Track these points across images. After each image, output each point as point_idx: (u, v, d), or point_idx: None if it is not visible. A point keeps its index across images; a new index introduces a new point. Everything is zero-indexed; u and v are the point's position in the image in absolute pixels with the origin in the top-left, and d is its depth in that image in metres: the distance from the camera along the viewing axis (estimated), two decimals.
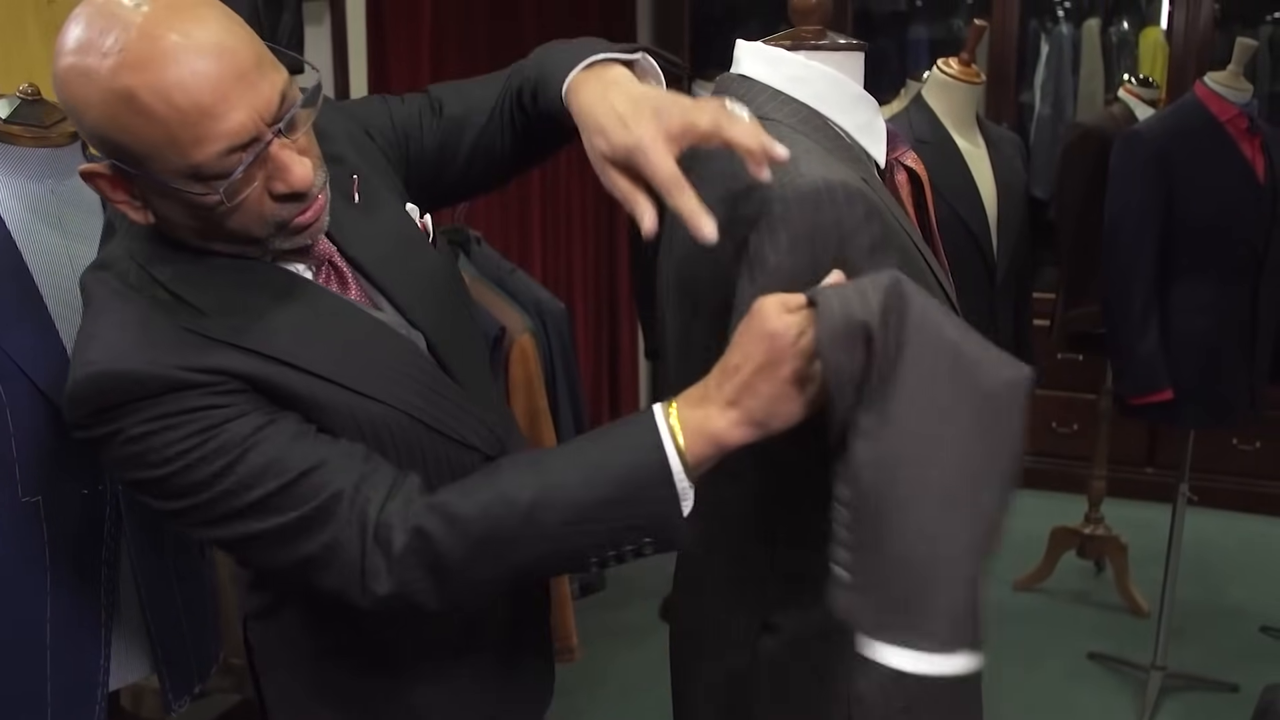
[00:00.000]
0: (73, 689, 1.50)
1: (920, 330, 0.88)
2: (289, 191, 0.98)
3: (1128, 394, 2.78)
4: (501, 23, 3.55)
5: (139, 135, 0.92)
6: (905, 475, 0.88)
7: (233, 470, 0.98)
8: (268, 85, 0.95)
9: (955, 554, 0.89)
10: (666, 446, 0.97)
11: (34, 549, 1.45)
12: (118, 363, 0.97)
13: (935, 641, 0.90)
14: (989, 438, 0.88)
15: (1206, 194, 2.63)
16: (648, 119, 0.95)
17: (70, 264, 1.47)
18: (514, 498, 0.98)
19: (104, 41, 0.90)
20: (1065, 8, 4.63)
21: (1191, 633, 3.30)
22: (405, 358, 1.11)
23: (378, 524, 0.99)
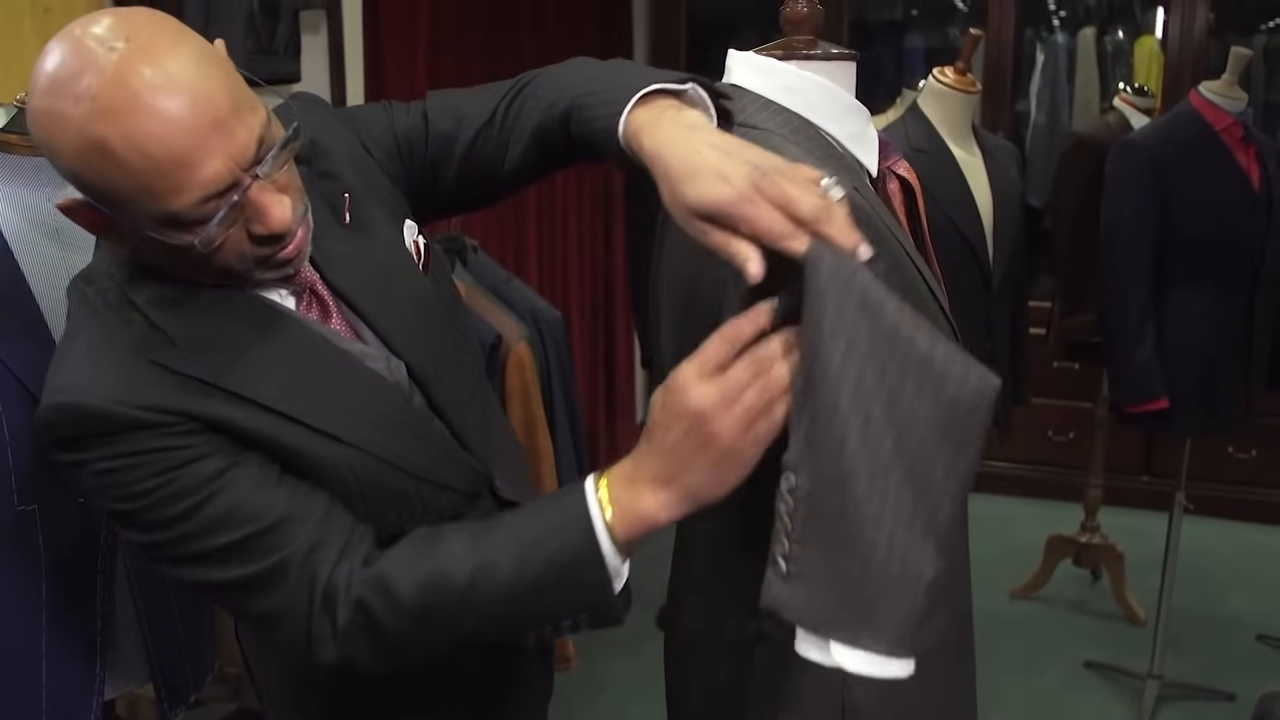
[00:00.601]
0: (68, 697, 1.50)
1: (886, 337, 0.86)
2: (268, 234, 0.97)
3: (1124, 402, 2.78)
4: (498, 32, 3.55)
5: (113, 182, 0.90)
6: (867, 478, 0.86)
7: (193, 515, 0.99)
8: (244, 130, 0.92)
9: (913, 567, 0.87)
10: (597, 528, 0.95)
11: (30, 557, 1.45)
12: (81, 396, 0.97)
13: (883, 643, 0.89)
14: (950, 443, 0.87)
15: (1202, 203, 2.63)
16: (743, 174, 0.87)
17: (66, 273, 1.47)
18: (451, 575, 0.98)
19: (77, 85, 0.87)
20: (1060, 17, 4.65)
21: (1188, 641, 3.31)
22: (379, 397, 1.09)
23: (325, 592, 1.01)
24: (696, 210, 0.88)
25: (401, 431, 1.10)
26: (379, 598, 1.00)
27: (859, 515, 0.86)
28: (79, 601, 1.50)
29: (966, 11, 4.78)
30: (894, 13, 4.92)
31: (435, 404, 1.15)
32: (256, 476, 1.01)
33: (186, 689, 1.66)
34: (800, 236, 0.85)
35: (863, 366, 0.85)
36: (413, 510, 1.12)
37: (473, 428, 1.19)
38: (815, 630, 0.89)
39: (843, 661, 0.88)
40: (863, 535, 0.86)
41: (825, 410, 0.86)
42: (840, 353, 0.85)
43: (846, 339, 0.85)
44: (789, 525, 0.88)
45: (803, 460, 0.87)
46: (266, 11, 2.59)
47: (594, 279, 4.37)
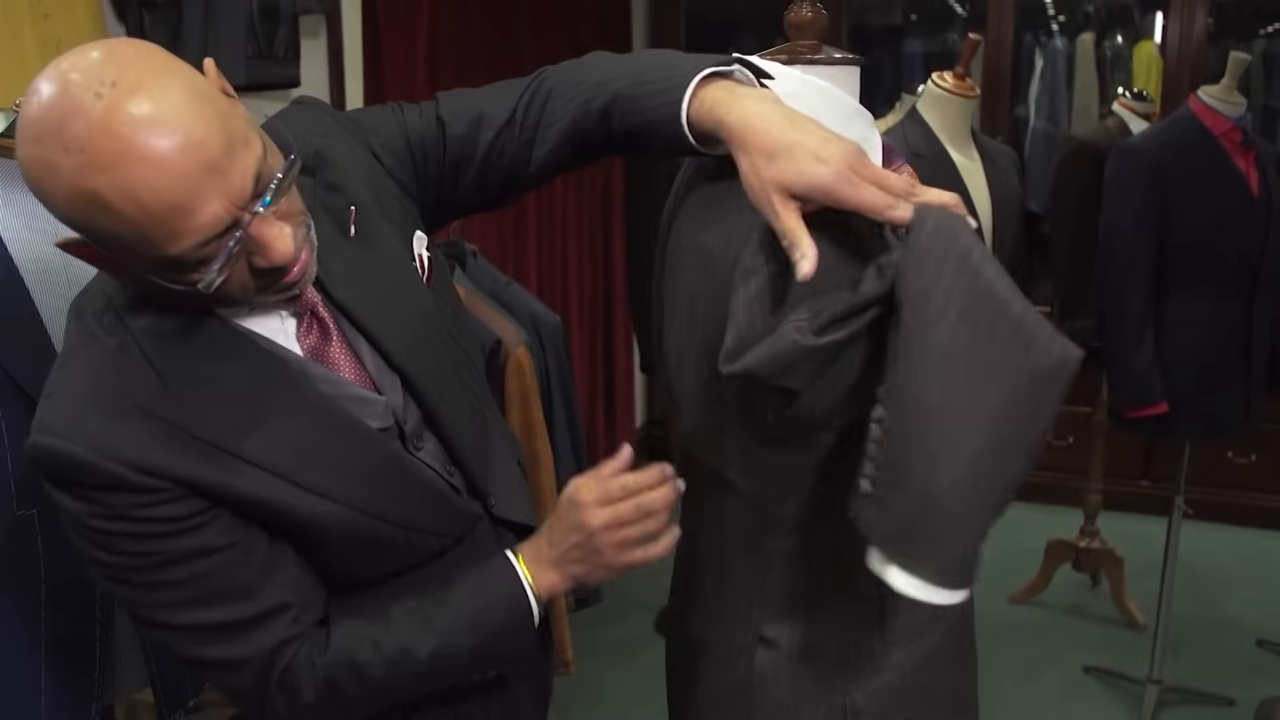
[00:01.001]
0: (67, 701, 1.50)
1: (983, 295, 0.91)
2: (271, 267, 0.95)
3: (1123, 407, 2.78)
4: (497, 36, 3.56)
5: (110, 230, 0.88)
6: (945, 421, 0.92)
7: (165, 588, 1.01)
8: (239, 170, 0.89)
9: (978, 507, 0.94)
10: (529, 598, 1.14)
11: (30, 562, 1.45)
12: (68, 442, 0.95)
13: (935, 574, 0.95)
14: (1028, 408, 0.93)
15: (1201, 207, 2.64)
16: (839, 154, 0.91)
17: (67, 278, 1.47)
18: (414, 654, 1.10)
19: (65, 134, 0.84)
20: (1060, 21, 4.65)
21: (1188, 646, 3.30)
22: (368, 452, 1.08)
23: (283, 673, 1.06)
24: (790, 188, 0.92)
25: (388, 485, 1.09)
26: (351, 679, 1.08)
27: (930, 454, 0.92)
28: (78, 606, 1.50)
29: (965, 16, 4.79)
30: (893, 17, 4.93)
31: (433, 421, 1.15)
32: (241, 559, 1.02)
33: (185, 694, 1.66)
34: (904, 205, 0.91)
35: (957, 320, 0.90)
36: (400, 555, 1.13)
37: (471, 447, 1.19)
38: (880, 546, 0.96)
39: (893, 581, 0.96)
40: (929, 474, 0.92)
41: (916, 355, 0.91)
42: (935, 309, 0.90)
43: (945, 291, 0.90)
44: (874, 451, 0.95)
45: (891, 396, 0.93)
46: (266, 16, 2.59)
47: (593, 284, 4.37)
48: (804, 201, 0.92)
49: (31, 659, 1.47)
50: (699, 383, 1.12)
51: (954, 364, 0.91)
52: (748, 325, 0.97)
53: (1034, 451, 0.95)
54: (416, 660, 1.10)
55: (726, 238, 1.03)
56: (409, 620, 1.10)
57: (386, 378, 1.11)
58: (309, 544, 1.07)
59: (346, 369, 1.09)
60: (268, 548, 1.05)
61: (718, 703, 1.20)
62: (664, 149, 1.08)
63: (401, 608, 1.11)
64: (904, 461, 0.93)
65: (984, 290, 0.91)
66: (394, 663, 1.09)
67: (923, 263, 0.90)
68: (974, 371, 0.91)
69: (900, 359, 0.93)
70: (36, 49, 1.94)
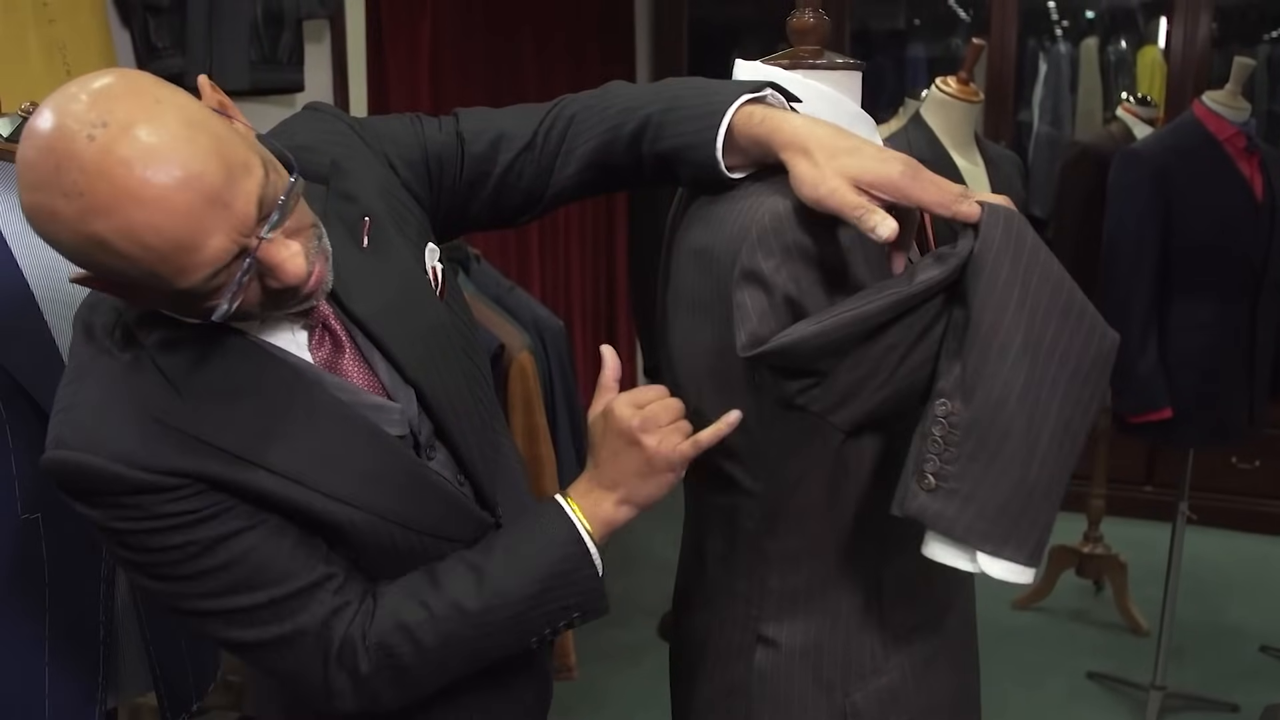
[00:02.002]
0: (71, 705, 1.50)
1: (1054, 288, 0.97)
2: (284, 287, 0.94)
3: (1126, 413, 2.78)
4: (500, 41, 3.56)
5: (119, 270, 0.87)
6: (1032, 408, 0.96)
7: (206, 576, 1.00)
8: (242, 199, 0.88)
9: (1058, 483, 1.00)
10: (584, 536, 1.11)
11: (33, 565, 1.45)
12: (86, 455, 0.95)
13: (1023, 555, 1.00)
14: (1090, 388, 0.99)
15: (1205, 212, 2.63)
16: (901, 159, 0.97)
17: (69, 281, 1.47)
18: (465, 607, 1.07)
19: (63, 181, 0.83)
20: (1063, 26, 4.66)
21: (1191, 652, 3.30)
22: (385, 458, 1.08)
23: (339, 651, 1.05)
24: (858, 178, 0.96)
25: (406, 491, 1.09)
26: (403, 641, 1.06)
27: (1022, 443, 0.97)
28: (82, 609, 1.50)
29: (969, 21, 4.79)
30: (896, 22, 4.93)
31: (444, 434, 1.15)
32: (274, 539, 1.02)
33: (189, 698, 1.66)
34: (969, 201, 0.96)
35: (1033, 312, 0.96)
36: (415, 560, 1.12)
37: (480, 460, 1.19)
38: (963, 539, 0.99)
39: (988, 569, 1.00)
40: (1023, 461, 0.97)
41: (997, 349, 0.96)
42: (1016, 299, 0.95)
43: (1022, 286, 0.95)
44: (942, 446, 0.98)
45: (964, 391, 0.97)
46: (270, 21, 2.60)
47: (596, 288, 4.38)
48: (870, 193, 0.96)
49: (35, 662, 1.47)
50: (704, 383, 1.12)
51: (1036, 352, 0.96)
52: (760, 320, 0.98)
53: (1090, 427, 1.02)
54: (466, 613, 1.07)
55: (725, 238, 1.03)
56: (455, 575, 1.09)
57: (401, 390, 1.11)
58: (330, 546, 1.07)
59: (360, 380, 1.09)
60: (299, 530, 1.04)
61: (718, 702, 1.20)
62: (690, 175, 1.10)
63: (448, 567, 1.10)
64: (994, 451, 0.97)
65: (1056, 280, 0.97)
66: (446, 619, 1.06)
67: (1001, 257, 0.95)
68: (1051, 358, 0.97)
69: (975, 351, 0.97)
70: (41, 53, 1.94)
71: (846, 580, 1.12)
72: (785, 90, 1.10)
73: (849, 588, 1.13)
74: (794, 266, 0.98)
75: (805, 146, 0.99)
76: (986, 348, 0.96)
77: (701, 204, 1.11)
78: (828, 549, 1.11)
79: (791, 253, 0.98)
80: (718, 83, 1.11)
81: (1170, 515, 2.97)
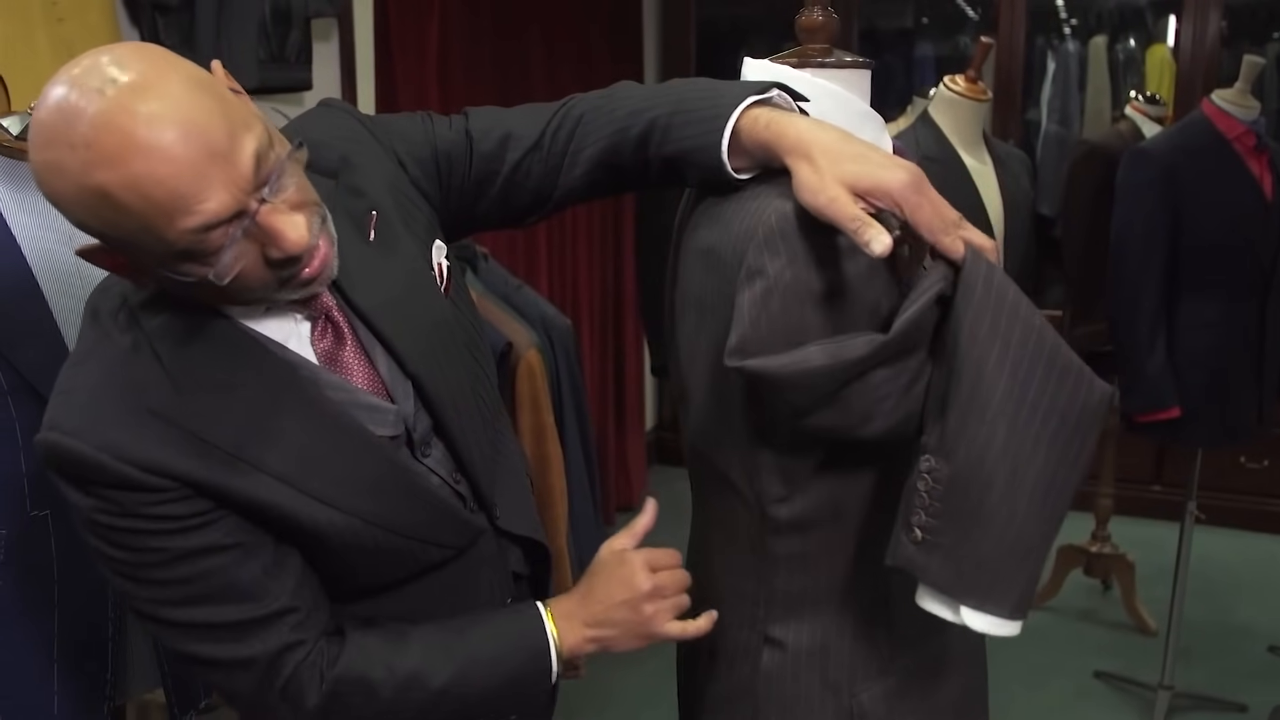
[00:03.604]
0: (79, 702, 1.51)
1: (1035, 342, 0.96)
2: (284, 257, 0.96)
3: (1135, 412, 2.77)
4: (508, 40, 3.57)
5: (120, 226, 0.89)
6: (1012, 465, 0.96)
7: (168, 585, 1.01)
8: (243, 156, 0.90)
9: (1038, 543, 0.99)
10: (551, 654, 1.16)
11: (42, 562, 1.46)
12: (76, 440, 0.96)
13: (1005, 609, 0.99)
14: (1077, 443, 0.98)
15: (1214, 211, 2.63)
16: (908, 169, 0.96)
17: (80, 279, 1.48)
18: (428, 681, 1.10)
19: (71, 134, 0.85)
20: (1072, 25, 4.64)
21: (1199, 652, 3.29)
22: (375, 462, 1.08)
23: (286, 683, 1.06)
24: (856, 184, 0.95)
25: (392, 495, 1.09)
26: (358, 693, 1.08)
27: (1002, 501, 0.96)
28: (90, 606, 1.51)
29: (977, 20, 4.78)
30: (904, 21, 4.92)
31: (443, 429, 1.15)
32: (246, 562, 1.02)
33: (196, 695, 1.66)
34: (955, 236, 0.95)
35: (1014, 369, 0.95)
36: (403, 563, 1.13)
37: (479, 458, 1.19)
38: (948, 593, 1.00)
39: (970, 622, 1.00)
40: (1003, 518, 0.97)
41: (977, 407, 0.95)
42: (995, 356, 0.94)
43: (1002, 342, 0.95)
44: (926, 501, 0.98)
45: (946, 447, 0.97)
46: (278, 20, 2.60)
47: (604, 286, 4.37)
48: (864, 199, 0.95)
49: (44, 658, 1.47)
50: (708, 383, 1.12)
51: (1017, 408, 0.95)
52: (752, 324, 0.98)
53: (1084, 477, 1.00)
54: (427, 689, 1.10)
55: (732, 238, 1.03)
56: (428, 648, 1.11)
57: (400, 384, 1.12)
58: (312, 550, 1.07)
59: (359, 374, 1.09)
60: (274, 550, 1.05)
61: (724, 703, 1.20)
62: (697, 176, 1.10)
63: (421, 635, 1.12)
64: (974, 509, 0.97)
65: (1037, 335, 0.95)
66: (404, 689, 1.09)
67: (981, 312, 0.94)
68: (1033, 414, 0.95)
69: (955, 408, 0.96)
70: (50, 52, 1.95)
71: (854, 582, 1.12)
72: (793, 90, 1.09)
73: (856, 589, 1.13)
74: (799, 268, 0.98)
75: (809, 151, 0.98)
76: (967, 406, 0.95)
77: (709, 204, 1.11)
78: (834, 552, 1.11)
79: (798, 254, 0.98)
80: (725, 84, 1.10)
81: (1178, 515, 2.97)
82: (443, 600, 1.17)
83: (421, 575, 1.16)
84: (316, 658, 1.06)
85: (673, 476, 4.71)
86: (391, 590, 1.15)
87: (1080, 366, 0.97)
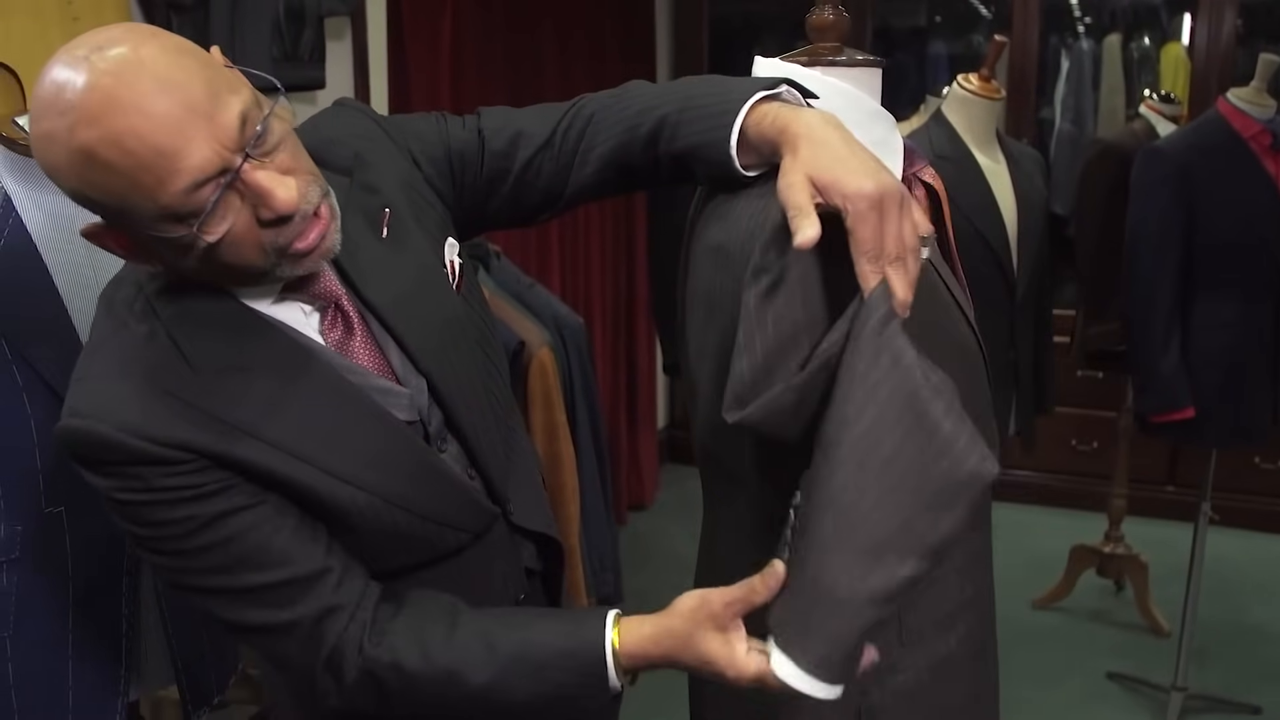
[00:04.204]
0: (93, 698, 1.52)
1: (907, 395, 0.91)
2: (274, 216, 0.95)
3: (1149, 412, 2.76)
4: (521, 38, 3.57)
5: (107, 188, 0.91)
6: (848, 512, 0.92)
7: (201, 553, 1.02)
8: (223, 112, 0.91)
9: (858, 600, 0.94)
10: (610, 670, 1.05)
11: (57, 559, 1.47)
12: (95, 423, 0.97)
13: (807, 660, 0.96)
14: (932, 515, 0.92)
15: (1229, 210, 2.62)
16: (886, 182, 0.94)
17: (94, 276, 1.49)
18: (467, 678, 1.05)
19: (59, 100, 0.88)
20: (1086, 23, 4.63)
21: (1213, 653, 3.28)
22: (391, 440, 1.09)
23: (329, 655, 1.05)
24: (815, 175, 0.94)
25: (411, 475, 1.10)
26: (394, 679, 1.06)
27: (823, 549, 0.94)
28: (105, 603, 1.52)
29: (990, 18, 4.77)
30: (918, 19, 4.91)
31: (455, 426, 1.15)
32: (274, 519, 1.03)
33: (210, 691, 1.67)
34: (879, 266, 0.93)
35: (877, 417, 0.91)
36: (420, 547, 1.13)
37: (492, 454, 1.19)
38: (770, 627, 0.98)
39: (775, 666, 0.97)
40: (820, 560, 0.94)
41: (833, 445, 0.93)
42: (860, 399, 0.92)
43: (868, 389, 0.91)
44: (788, 537, 0.98)
45: (808, 482, 0.95)
46: (292, 19, 2.61)
47: (616, 285, 4.38)
48: (820, 193, 0.94)
49: (59, 655, 1.48)
50: (716, 381, 1.12)
51: (867, 457, 0.92)
52: (764, 353, 0.98)
53: (936, 558, 0.95)
54: (466, 687, 1.05)
55: (741, 234, 1.03)
56: (472, 643, 1.07)
57: (412, 379, 1.12)
58: (331, 529, 1.08)
59: (369, 365, 1.10)
60: (299, 514, 1.05)
61: (735, 702, 1.20)
62: (706, 172, 1.10)
63: (468, 624, 1.08)
64: (805, 549, 0.95)
65: (909, 391, 0.91)
66: (442, 679, 1.06)
67: (861, 353, 0.92)
68: (883, 469, 0.92)
69: (821, 446, 0.94)
70: None
71: None
72: (803, 88, 1.09)
73: None
74: (805, 266, 0.98)
75: (797, 144, 0.98)
76: (827, 443, 0.94)
77: (719, 201, 1.11)
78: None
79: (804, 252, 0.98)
80: (735, 80, 1.10)
81: (1192, 515, 2.96)
82: (456, 590, 1.17)
83: (436, 563, 1.16)
84: (357, 631, 1.05)
85: (685, 475, 4.71)
86: (405, 577, 1.15)
87: (954, 437, 0.91)
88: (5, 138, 1.46)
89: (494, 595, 1.21)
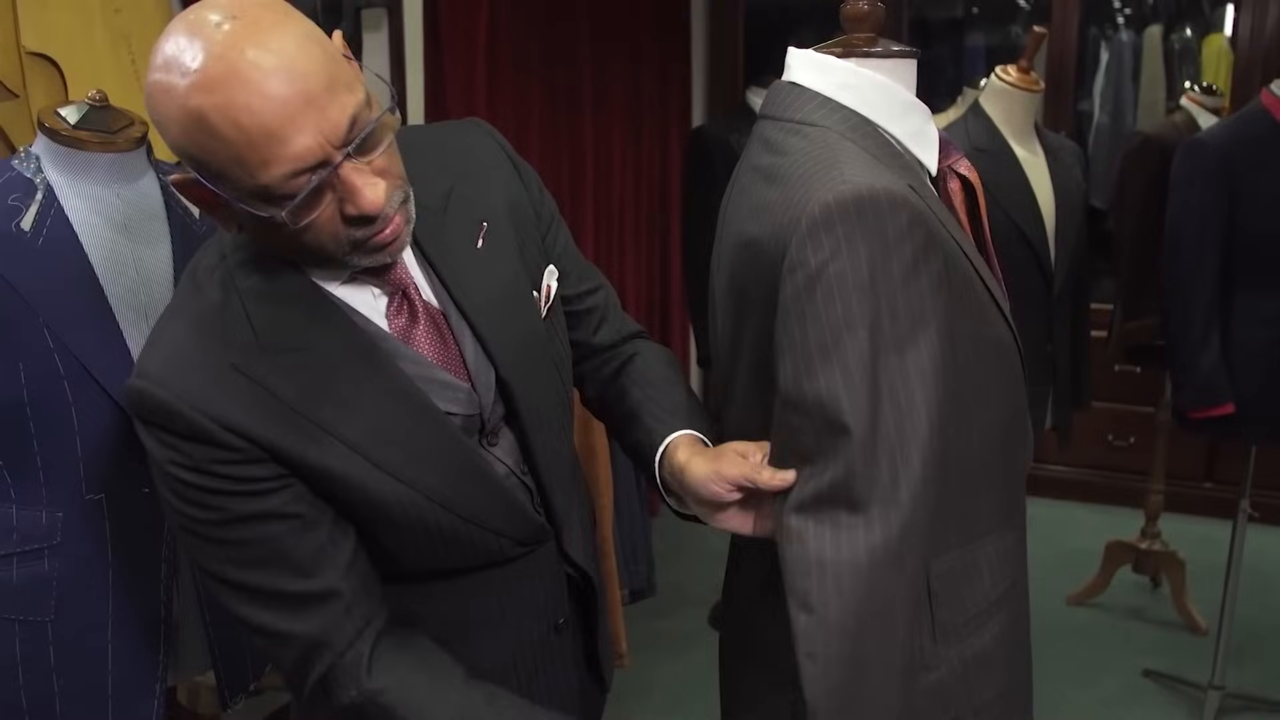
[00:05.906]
0: (132, 684, 1.53)
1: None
2: (359, 215, 0.98)
3: (1187, 408, 2.73)
4: (557, 31, 3.57)
5: (211, 154, 0.93)
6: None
7: (226, 545, 1.04)
8: (337, 109, 0.94)
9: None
10: None
11: (97, 546, 1.49)
12: (162, 388, 1.00)
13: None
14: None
15: (1271, 204, 2.57)
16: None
17: (135, 268, 1.50)
18: None
19: (185, 60, 0.90)
20: (1126, 14, 4.57)
21: (1251, 652, 3.24)
22: (443, 440, 1.10)
23: (322, 678, 1.07)
24: (730, 479, 1.11)
25: (459, 475, 1.11)
26: (381, 716, 1.08)
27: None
28: (144, 590, 1.53)
29: (1029, 9, 4.72)
30: (955, 10, 4.88)
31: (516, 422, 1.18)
32: (303, 533, 1.05)
33: (246, 678, 1.69)
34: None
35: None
36: (464, 552, 1.14)
37: (552, 461, 1.22)
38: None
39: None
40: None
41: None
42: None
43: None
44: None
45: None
46: (329, 11, 2.63)
47: (650, 279, 4.38)
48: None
49: (98, 641, 1.50)
50: (749, 375, 1.12)
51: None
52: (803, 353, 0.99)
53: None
54: None
55: (775, 229, 1.03)
56: (470, 704, 1.10)
57: (484, 374, 1.14)
58: (372, 524, 1.09)
59: (430, 354, 1.12)
60: (330, 527, 1.07)
61: (767, 694, 1.20)
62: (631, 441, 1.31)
63: (463, 696, 1.10)
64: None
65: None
66: None
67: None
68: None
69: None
70: (108, 44, 1.98)
71: None
72: None
73: None
74: (841, 261, 0.97)
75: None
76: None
77: (754, 188, 1.10)
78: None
79: (840, 246, 0.97)
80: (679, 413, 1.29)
81: (1230, 512, 2.92)
82: (496, 603, 1.18)
83: (481, 569, 1.17)
84: (354, 664, 1.07)
85: None
86: (448, 579, 1.16)
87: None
88: (48, 128, 1.47)
89: (536, 611, 1.23)
